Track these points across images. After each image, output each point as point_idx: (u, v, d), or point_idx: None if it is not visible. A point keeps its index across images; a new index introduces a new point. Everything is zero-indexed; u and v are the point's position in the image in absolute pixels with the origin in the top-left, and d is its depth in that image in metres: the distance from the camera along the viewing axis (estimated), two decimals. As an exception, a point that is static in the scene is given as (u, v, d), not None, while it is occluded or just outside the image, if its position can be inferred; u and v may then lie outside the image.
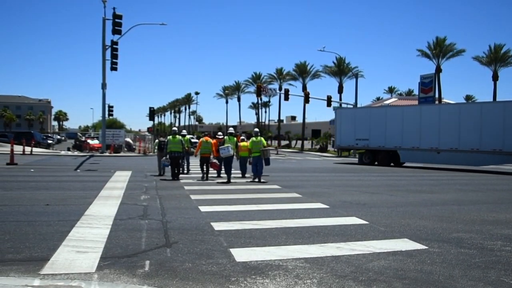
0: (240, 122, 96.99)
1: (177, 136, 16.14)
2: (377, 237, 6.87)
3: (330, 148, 55.83)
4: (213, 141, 16.98)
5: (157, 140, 19.03)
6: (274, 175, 18.74)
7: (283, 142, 71.22)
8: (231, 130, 17.89)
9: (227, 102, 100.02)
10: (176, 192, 12.21)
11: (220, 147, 16.09)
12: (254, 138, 16.43)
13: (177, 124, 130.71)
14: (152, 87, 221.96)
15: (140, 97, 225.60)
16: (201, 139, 16.84)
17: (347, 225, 7.83)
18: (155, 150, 19.11)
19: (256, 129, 18.11)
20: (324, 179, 17.67)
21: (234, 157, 16.55)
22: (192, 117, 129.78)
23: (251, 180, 15.88)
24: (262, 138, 16.55)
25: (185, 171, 18.46)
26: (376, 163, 28.93)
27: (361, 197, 11.81)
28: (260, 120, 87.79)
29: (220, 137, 17.80)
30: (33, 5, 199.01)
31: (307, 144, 64.77)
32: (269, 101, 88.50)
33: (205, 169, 16.32)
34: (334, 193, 12.69)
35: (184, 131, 19.64)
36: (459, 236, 7.13)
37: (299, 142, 64.89)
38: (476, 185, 16.33)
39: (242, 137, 18.06)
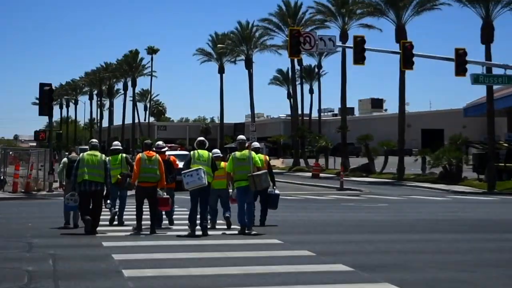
0: (253, 115, 50.62)
1: (98, 153, 9.42)
2: None
3: (465, 174, 26.83)
4: (159, 158, 9.51)
5: (65, 159, 10.95)
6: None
7: (352, 160, 37.68)
8: (201, 139, 9.94)
9: (221, 72, 52.64)
10: (105, 284, 5.52)
11: (183, 172, 8.92)
12: (237, 154, 9.61)
13: (109, 124, 73.03)
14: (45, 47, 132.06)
15: (20, 69, 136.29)
16: (138, 155, 9.63)
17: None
18: (63, 179, 10.56)
19: (241, 136, 10.81)
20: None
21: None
22: (144, 106, 69.97)
23: (237, 233, 9.30)
24: (254, 153, 9.77)
25: (168, 222, 10.33)
26: None
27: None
28: (301, 111, 46.90)
29: (174, 152, 10.97)
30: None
31: (411, 164, 31.51)
32: (319, 67, 50.88)
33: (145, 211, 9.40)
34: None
35: (116, 143, 11.39)
36: None
37: (391, 158, 31.45)
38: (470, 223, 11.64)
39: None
